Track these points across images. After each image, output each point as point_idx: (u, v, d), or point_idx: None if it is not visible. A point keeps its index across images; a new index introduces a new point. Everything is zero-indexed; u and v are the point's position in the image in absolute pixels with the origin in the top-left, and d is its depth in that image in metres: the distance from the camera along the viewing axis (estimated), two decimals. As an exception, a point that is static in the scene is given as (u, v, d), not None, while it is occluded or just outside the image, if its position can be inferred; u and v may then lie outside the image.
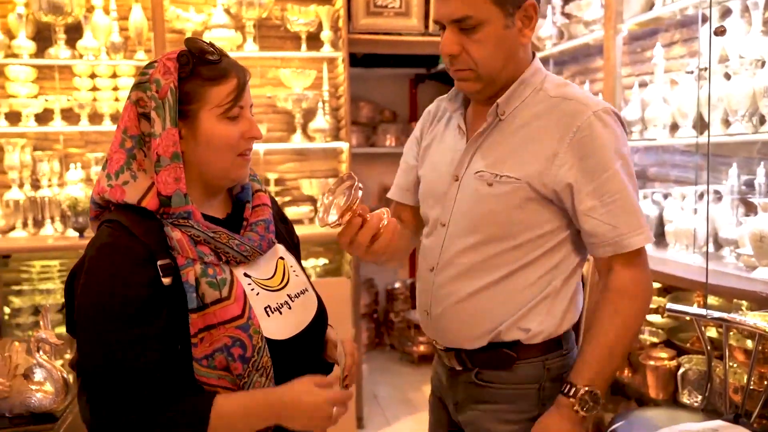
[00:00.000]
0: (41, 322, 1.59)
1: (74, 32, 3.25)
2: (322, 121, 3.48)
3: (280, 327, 1.12)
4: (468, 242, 1.26)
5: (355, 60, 4.48)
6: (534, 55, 1.30)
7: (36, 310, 3.15)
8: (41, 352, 1.48)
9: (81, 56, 3.23)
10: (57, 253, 3.21)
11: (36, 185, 3.29)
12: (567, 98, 1.23)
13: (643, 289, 1.23)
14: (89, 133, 3.36)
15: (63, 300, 1.16)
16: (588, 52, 3.20)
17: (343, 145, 3.48)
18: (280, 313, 1.13)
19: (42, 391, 1.47)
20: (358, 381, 3.38)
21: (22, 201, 3.22)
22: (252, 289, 1.11)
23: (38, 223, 3.26)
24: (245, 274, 1.12)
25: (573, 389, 1.20)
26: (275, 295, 1.14)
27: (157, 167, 1.06)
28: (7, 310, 3.13)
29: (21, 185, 3.26)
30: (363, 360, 4.44)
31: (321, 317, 1.24)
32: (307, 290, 1.23)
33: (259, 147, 3.45)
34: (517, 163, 1.22)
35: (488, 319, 1.26)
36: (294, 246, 1.33)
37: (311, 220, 3.53)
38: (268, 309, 1.12)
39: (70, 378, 1.51)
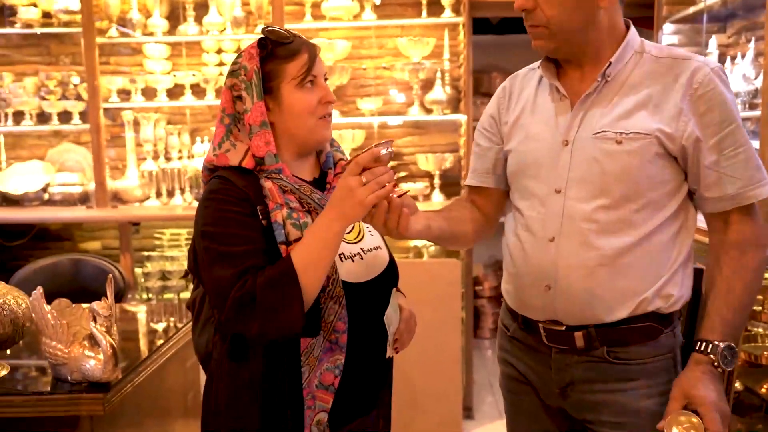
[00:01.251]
0: (108, 290, 1.61)
1: (202, 9, 3.36)
2: (440, 91, 3.28)
3: (351, 272, 1.28)
4: (595, 205, 1.24)
5: (489, 26, 4.19)
6: (629, 24, 1.31)
7: (164, 275, 3.36)
8: (96, 322, 1.49)
9: (207, 32, 3.34)
10: (185, 222, 3.38)
11: (168, 157, 3.48)
12: (678, 58, 1.26)
13: (765, 239, 1.25)
14: (216, 107, 3.48)
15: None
16: (752, 4, 2.66)
17: (462, 118, 3.26)
18: (353, 261, 1.30)
19: (96, 359, 1.48)
20: (467, 367, 3.20)
21: (155, 172, 3.43)
22: None
23: (170, 193, 3.46)
24: None
25: (710, 345, 1.20)
26: (350, 247, 1.31)
27: (250, 134, 1.26)
28: (138, 271, 3.36)
29: (155, 157, 3.47)
30: (486, 347, 4.22)
31: (390, 272, 1.37)
32: (380, 248, 1.38)
33: (374, 120, 3.34)
34: (641, 120, 1.23)
35: (630, 287, 1.25)
36: None
37: (426, 197, 3.36)
38: (342, 255, 1.28)
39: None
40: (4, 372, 1.61)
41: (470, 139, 3.23)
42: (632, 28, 1.30)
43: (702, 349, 1.20)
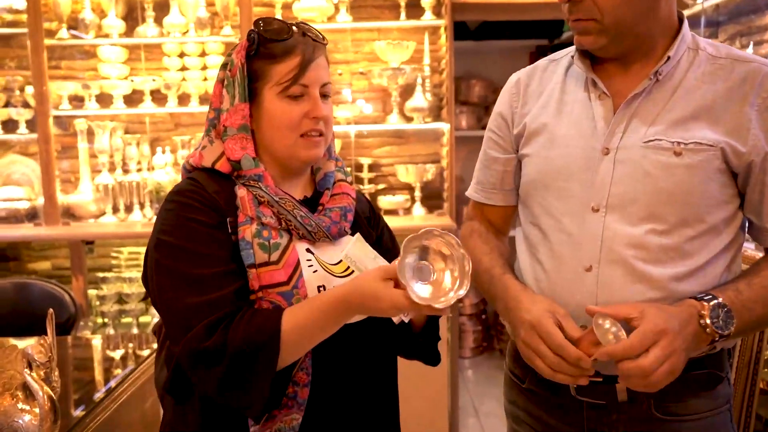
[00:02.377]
0: (48, 328, 1.35)
1: (162, 10, 3.10)
2: (421, 99, 3.08)
3: None
4: (645, 229, 1.04)
5: (467, 32, 4.03)
6: (681, 16, 1.11)
7: (121, 299, 3.06)
8: (31, 369, 1.23)
9: (168, 34, 3.08)
10: (145, 239, 3.09)
11: (126, 170, 3.20)
12: (740, 59, 1.08)
13: None
14: (178, 114, 3.22)
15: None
16: (754, 6, 2.54)
17: (444, 127, 3.07)
18: None
19: (31, 413, 1.22)
20: (453, 390, 2.98)
21: (112, 185, 3.14)
22: (310, 266, 1.08)
23: (128, 209, 3.17)
24: (308, 250, 1.10)
25: (708, 296, 1.00)
26: (335, 280, 1.09)
27: (224, 137, 1.10)
28: (93, 293, 3.06)
29: (112, 169, 3.18)
30: (467, 366, 4.02)
31: (379, 321, 1.10)
32: None
33: (350, 129, 3.12)
34: (701, 129, 1.04)
35: None
36: (384, 251, 1.17)
37: (407, 211, 3.15)
38: (321, 288, 1.08)
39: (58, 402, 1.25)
40: None
41: (453, 149, 3.04)
42: (685, 21, 1.11)
43: (698, 296, 1.01)
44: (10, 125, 3.17)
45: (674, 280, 1.03)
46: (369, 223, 1.25)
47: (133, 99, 3.17)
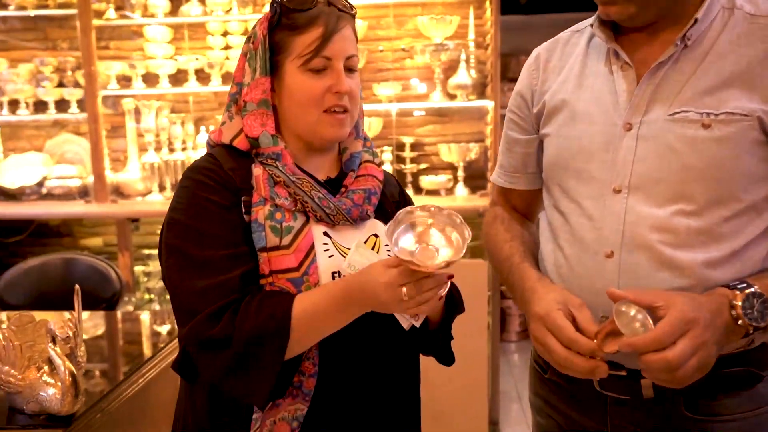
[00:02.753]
0: (75, 303, 1.37)
1: (206, -13, 3.10)
2: (464, 75, 2.99)
3: None
4: (671, 210, 0.95)
5: (517, 5, 3.88)
6: None
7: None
8: (56, 344, 1.25)
9: (211, 12, 3.09)
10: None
11: (171, 148, 3.25)
12: None
13: None
14: (222, 93, 3.24)
15: None
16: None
17: (489, 104, 2.97)
18: None
19: (56, 387, 1.24)
20: (493, 376, 2.92)
21: (158, 164, 3.20)
22: (326, 250, 1.02)
23: (173, 187, 3.22)
24: (325, 233, 1.04)
25: (743, 284, 0.90)
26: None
27: (243, 112, 1.05)
28: (139, 270, 3.14)
29: (158, 148, 3.23)
30: (512, 350, 3.94)
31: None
32: None
33: (392, 107, 3.06)
34: (734, 96, 0.93)
35: None
36: None
37: (449, 191, 3.08)
38: (336, 274, 1.02)
39: (81, 377, 1.26)
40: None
41: (498, 128, 2.94)
42: None
43: (731, 285, 0.91)
44: (63, 105, 3.26)
45: (706, 266, 0.93)
46: (397, 207, 1.15)
47: (177, 78, 3.20)
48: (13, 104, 3.27)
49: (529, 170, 1.18)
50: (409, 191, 3.10)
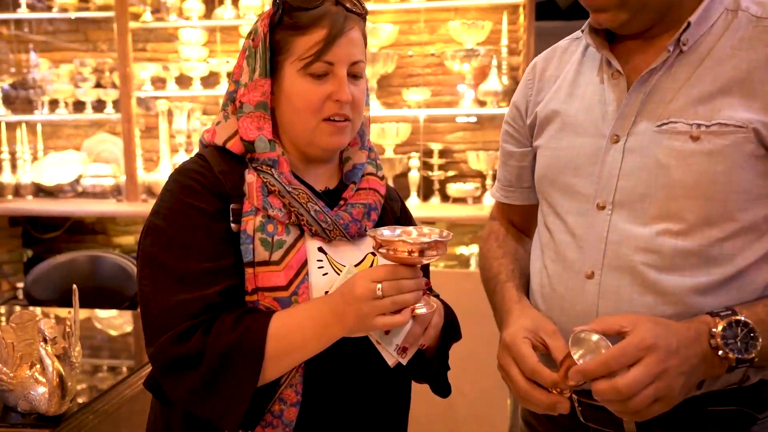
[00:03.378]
0: (73, 303, 1.38)
1: (240, -9, 3.13)
2: (495, 82, 2.92)
3: None
4: (657, 229, 0.87)
5: (557, 11, 3.78)
6: None
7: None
8: (46, 342, 1.25)
9: (244, 16, 3.10)
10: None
11: (202, 150, 3.28)
12: None
13: None
14: (253, 97, 3.25)
15: None
16: None
17: (520, 112, 2.89)
18: None
19: (45, 386, 1.25)
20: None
21: (188, 165, 3.23)
22: (320, 267, 0.96)
23: (202, 188, 3.25)
24: (320, 249, 0.97)
25: (727, 311, 0.81)
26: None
27: (239, 113, 0.99)
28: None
29: (189, 150, 3.27)
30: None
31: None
32: None
33: (420, 112, 3.01)
34: (730, 105, 0.85)
35: None
36: None
37: (476, 200, 3.01)
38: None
39: (70, 379, 1.26)
40: (-45, 392, 1.39)
41: (528, 136, 2.85)
42: None
43: (714, 312, 0.83)
44: (100, 105, 3.34)
45: (695, 292, 0.85)
46: (396, 223, 1.11)
47: (209, 81, 3.23)
48: (54, 104, 3.36)
49: (524, 184, 1.12)
50: (436, 199, 3.05)
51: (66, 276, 2.67)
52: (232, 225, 0.94)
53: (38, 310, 2.30)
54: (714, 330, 0.80)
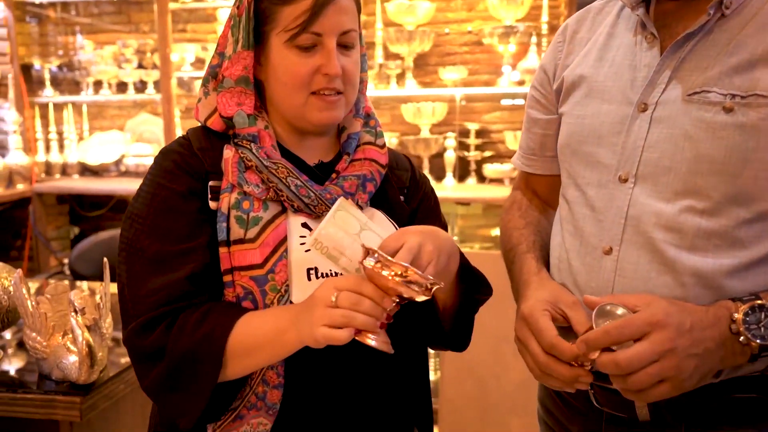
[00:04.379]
0: (104, 276, 1.41)
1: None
2: (535, 60, 2.85)
3: None
4: (680, 206, 0.82)
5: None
6: None
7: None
8: (77, 313, 1.29)
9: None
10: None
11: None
12: None
13: None
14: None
15: None
16: None
17: (559, 90, 2.81)
18: None
19: (76, 355, 1.28)
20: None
21: (226, 145, 3.27)
22: (302, 243, 0.91)
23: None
24: (304, 224, 0.92)
25: (751, 297, 0.77)
26: (331, 262, 0.88)
27: (219, 88, 0.94)
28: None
29: (227, 129, 3.31)
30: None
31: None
32: None
33: (456, 91, 2.97)
34: None
35: None
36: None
37: (513, 181, 2.95)
38: (312, 272, 0.90)
39: (100, 349, 1.29)
40: (-5, 359, 1.45)
41: (568, 115, 2.78)
42: None
43: (737, 297, 0.78)
44: (142, 86, 3.40)
45: (718, 275, 0.80)
46: (407, 193, 1.05)
47: (248, 61, 3.25)
48: (98, 85, 3.45)
49: (547, 153, 1.07)
50: (472, 180, 3.00)
51: (107, 252, 2.73)
52: (211, 203, 0.91)
53: (84, 285, 2.37)
54: (735, 315, 0.76)
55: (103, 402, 1.32)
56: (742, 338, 0.75)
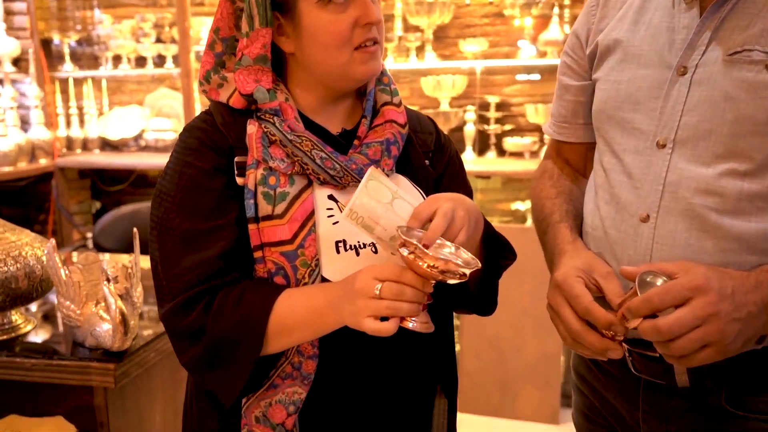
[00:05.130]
0: (134, 246, 1.43)
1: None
2: (556, 31, 2.80)
3: (349, 270, 0.86)
4: (721, 170, 0.82)
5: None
6: None
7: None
8: (109, 281, 1.31)
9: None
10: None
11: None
12: None
13: None
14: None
15: None
16: None
17: (581, 62, 2.77)
18: (357, 254, 0.91)
19: (109, 323, 1.31)
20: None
21: (245, 119, 3.27)
22: (330, 216, 0.91)
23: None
24: (330, 197, 0.93)
25: None
26: (360, 233, 0.87)
27: (236, 66, 0.93)
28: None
29: (246, 104, 3.31)
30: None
31: None
32: None
33: (476, 64, 2.94)
34: None
35: None
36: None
37: (534, 154, 2.94)
38: (341, 244, 0.91)
39: (132, 317, 1.32)
40: (29, 327, 1.49)
41: (590, 88, 2.74)
42: None
43: None
44: (160, 60, 3.40)
45: (762, 238, 0.79)
46: (432, 158, 1.04)
47: (266, 34, 3.23)
48: (117, 59, 3.45)
49: (580, 121, 1.06)
50: (492, 153, 2.99)
51: (130, 226, 2.75)
52: (238, 179, 0.91)
53: (107, 257, 2.40)
54: None
55: (135, 369, 1.35)
56: None
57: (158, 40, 3.42)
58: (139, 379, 1.41)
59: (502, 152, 2.98)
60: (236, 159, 0.91)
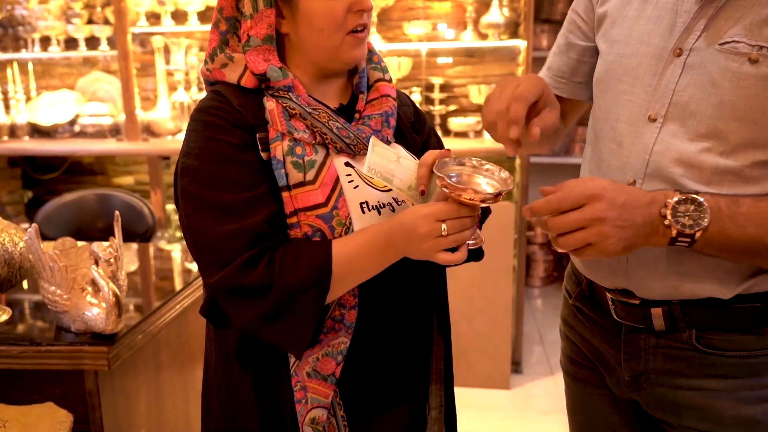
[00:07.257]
0: (115, 229, 1.42)
1: None
2: (497, 14, 2.92)
3: None
4: (700, 147, 0.91)
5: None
6: None
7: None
8: (98, 266, 1.30)
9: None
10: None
11: (201, 87, 3.25)
12: None
13: None
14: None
15: None
16: None
17: (521, 44, 2.91)
18: (379, 213, 1.00)
19: (99, 307, 1.30)
20: (517, 318, 2.96)
21: (187, 103, 3.21)
22: (350, 181, 0.99)
23: (203, 126, 3.24)
24: (347, 164, 1.00)
25: (694, 192, 0.87)
26: (378, 195, 1.00)
27: (245, 47, 0.98)
28: (170, 208, 3.20)
29: (187, 87, 3.24)
30: (535, 295, 3.98)
31: None
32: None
33: (421, 46, 3.02)
34: None
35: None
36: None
37: (477, 134, 3.06)
38: (364, 205, 0.99)
39: (123, 298, 1.31)
40: (5, 317, 1.44)
41: (530, 69, 2.88)
42: None
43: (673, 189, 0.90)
44: (93, 42, 3.27)
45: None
46: (414, 127, 1.13)
47: (206, 16, 3.17)
48: (45, 42, 3.29)
49: (577, 79, 1.13)
50: (438, 133, 3.08)
51: (75, 214, 2.68)
52: (262, 154, 0.96)
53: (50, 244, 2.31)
54: (668, 200, 0.86)
55: (125, 352, 1.35)
56: (666, 221, 0.85)
57: (90, 21, 3.29)
58: (126, 363, 1.41)
59: (447, 132, 3.09)
60: (258, 135, 0.96)
